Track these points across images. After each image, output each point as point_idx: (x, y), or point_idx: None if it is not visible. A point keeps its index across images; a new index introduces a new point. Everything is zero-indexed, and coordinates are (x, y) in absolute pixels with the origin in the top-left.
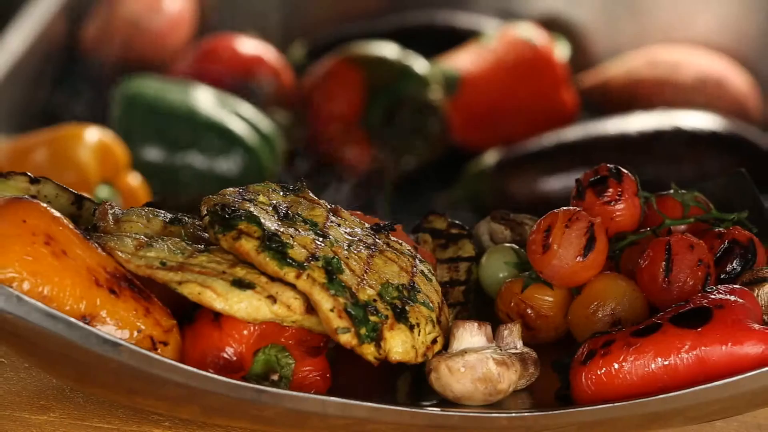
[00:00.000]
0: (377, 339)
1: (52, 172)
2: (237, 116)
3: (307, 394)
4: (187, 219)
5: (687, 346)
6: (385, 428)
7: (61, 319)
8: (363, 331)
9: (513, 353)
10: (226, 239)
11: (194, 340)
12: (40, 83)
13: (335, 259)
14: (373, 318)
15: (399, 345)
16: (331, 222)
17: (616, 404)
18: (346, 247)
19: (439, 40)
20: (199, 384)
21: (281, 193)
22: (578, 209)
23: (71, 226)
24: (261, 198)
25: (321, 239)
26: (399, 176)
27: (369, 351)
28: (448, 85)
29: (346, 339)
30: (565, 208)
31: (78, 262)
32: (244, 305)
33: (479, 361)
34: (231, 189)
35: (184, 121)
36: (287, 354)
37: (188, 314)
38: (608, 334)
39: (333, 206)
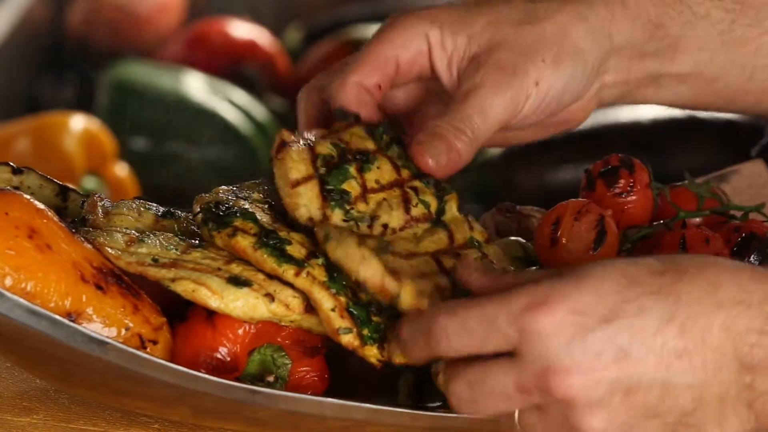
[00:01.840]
0: (381, 340)
1: (36, 162)
2: (230, 103)
3: (303, 395)
4: (180, 213)
5: None
6: (386, 430)
7: (44, 317)
8: (366, 331)
9: None
10: (221, 237)
11: (186, 339)
12: (22, 68)
13: None
14: (376, 318)
15: None
16: None
17: None
18: None
19: None
20: (190, 384)
21: None
22: (588, 201)
23: (56, 218)
24: (256, 195)
25: None
26: None
27: (372, 353)
28: None
29: (348, 340)
30: (574, 200)
31: (63, 257)
32: (241, 303)
33: None
34: (224, 187)
35: (174, 108)
36: (284, 354)
37: (180, 312)
38: None
39: None
